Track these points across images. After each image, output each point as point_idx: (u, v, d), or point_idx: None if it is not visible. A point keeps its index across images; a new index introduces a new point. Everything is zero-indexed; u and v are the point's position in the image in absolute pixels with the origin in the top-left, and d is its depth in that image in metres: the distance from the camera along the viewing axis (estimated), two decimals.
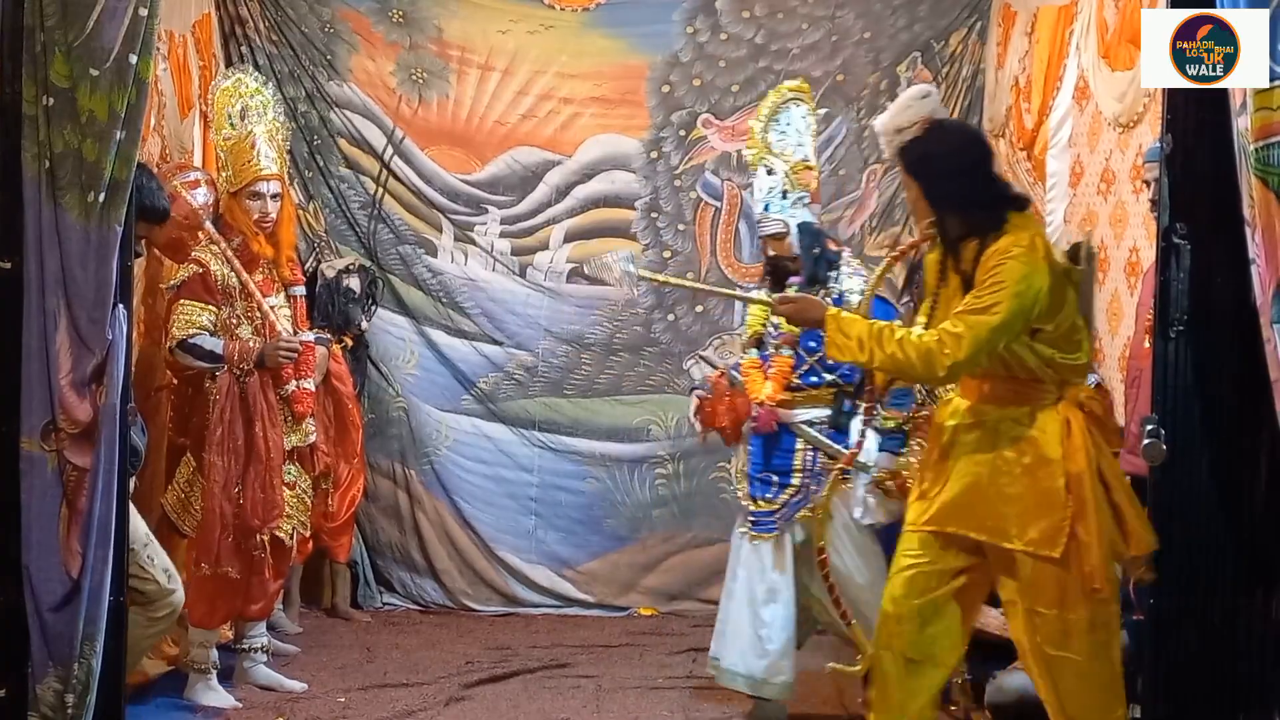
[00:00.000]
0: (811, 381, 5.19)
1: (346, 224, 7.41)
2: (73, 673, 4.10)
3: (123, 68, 4.03)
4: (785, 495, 5.17)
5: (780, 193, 5.20)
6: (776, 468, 5.21)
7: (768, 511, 5.19)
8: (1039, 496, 3.82)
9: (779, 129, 5.31)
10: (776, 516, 5.17)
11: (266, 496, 5.42)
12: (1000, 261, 3.78)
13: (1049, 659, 3.87)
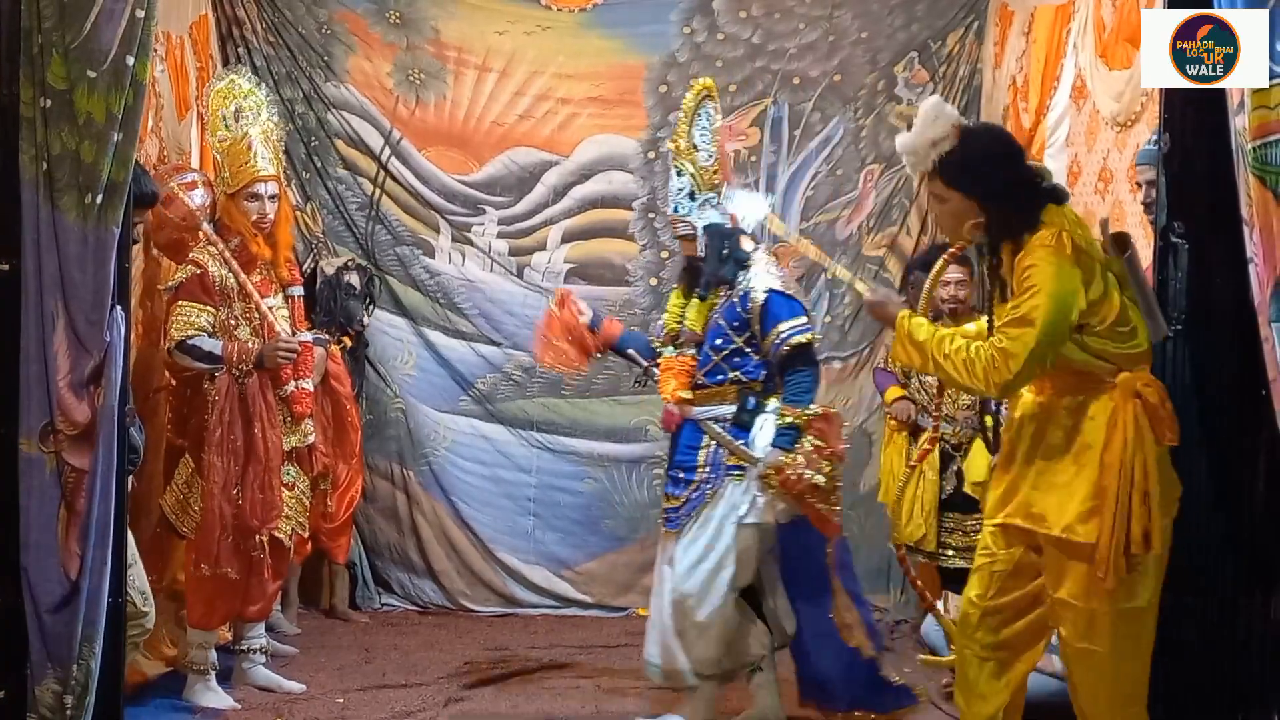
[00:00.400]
0: (716, 379, 5.13)
1: (344, 225, 7.41)
2: (71, 674, 4.10)
3: (120, 69, 4.03)
4: (688, 491, 5.12)
5: (688, 194, 5.15)
6: (682, 464, 5.17)
7: (674, 507, 5.16)
8: (1080, 484, 3.80)
9: (700, 128, 5.26)
10: (680, 513, 5.13)
11: (265, 497, 5.41)
12: (1030, 265, 3.75)
13: (1075, 652, 3.84)
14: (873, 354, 7.49)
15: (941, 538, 6.21)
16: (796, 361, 5.05)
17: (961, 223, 3.95)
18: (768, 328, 5.04)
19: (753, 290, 5.07)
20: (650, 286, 7.46)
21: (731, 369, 5.11)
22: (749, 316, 5.06)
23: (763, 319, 5.05)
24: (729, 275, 5.12)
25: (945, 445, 6.24)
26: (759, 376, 5.10)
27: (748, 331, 5.08)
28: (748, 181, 7.47)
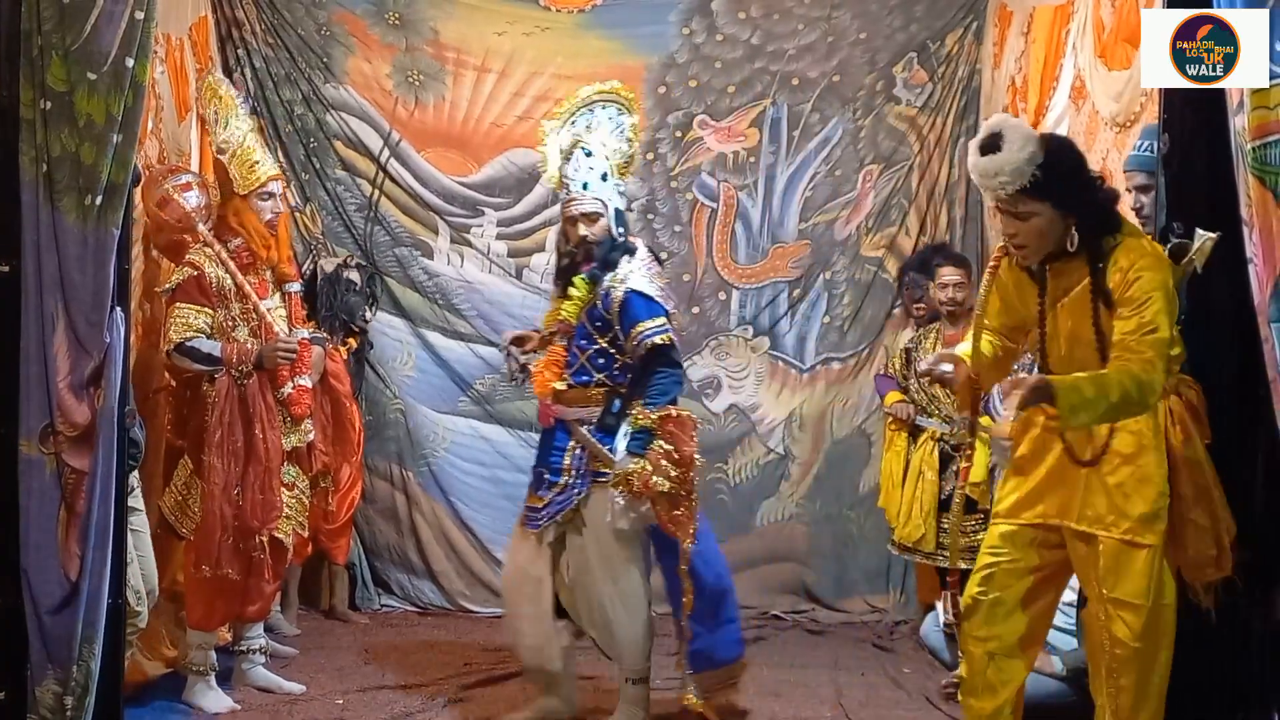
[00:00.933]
0: (583, 380, 5.07)
1: (343, 226, 7.41)
2: (71, 675, 4.10)
3: (120, 71, 4.03)
4: (552, 494, 5.08)
5: (602, 175, 5.12)
6: (549, 464, 5.12)
7: (536, 507, 5.12)
8: (1137, 485, 3.82)
9: (618, 125, 5.28)
10: (542, 514, 5.10)
11: (265, 498, 5.41)
12: (1138, 274, 3.74)
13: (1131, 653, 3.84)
14: (871, 355, 7.49)
15: (940, 539, 6.22)
16: (655, 363, 4.98)
17: (1048, 237, 3.88)
18: (627, 328, 4.97)
19: (614, 289, 5.00)
20: None
21: (596, 370, 5.05)
22: (610, 316, 5.00)
23: (622, 319, 4.98)
24: (615, 260, 5.04)
25: (945, 446, 6.25)
26: (624, 379, 5.03)
27: (610, 332, 5.02)
28: (747, 182, 7.49)
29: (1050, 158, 3.80)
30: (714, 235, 7.52)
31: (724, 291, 7.51)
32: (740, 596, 7.53)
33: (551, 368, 5.16)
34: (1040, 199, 3.82)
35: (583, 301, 5.09)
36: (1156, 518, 3.80)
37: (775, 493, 7.53)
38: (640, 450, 4.89)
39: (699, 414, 7.46)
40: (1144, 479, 3.82)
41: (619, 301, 4.98)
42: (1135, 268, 3.75)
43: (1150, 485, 3.81)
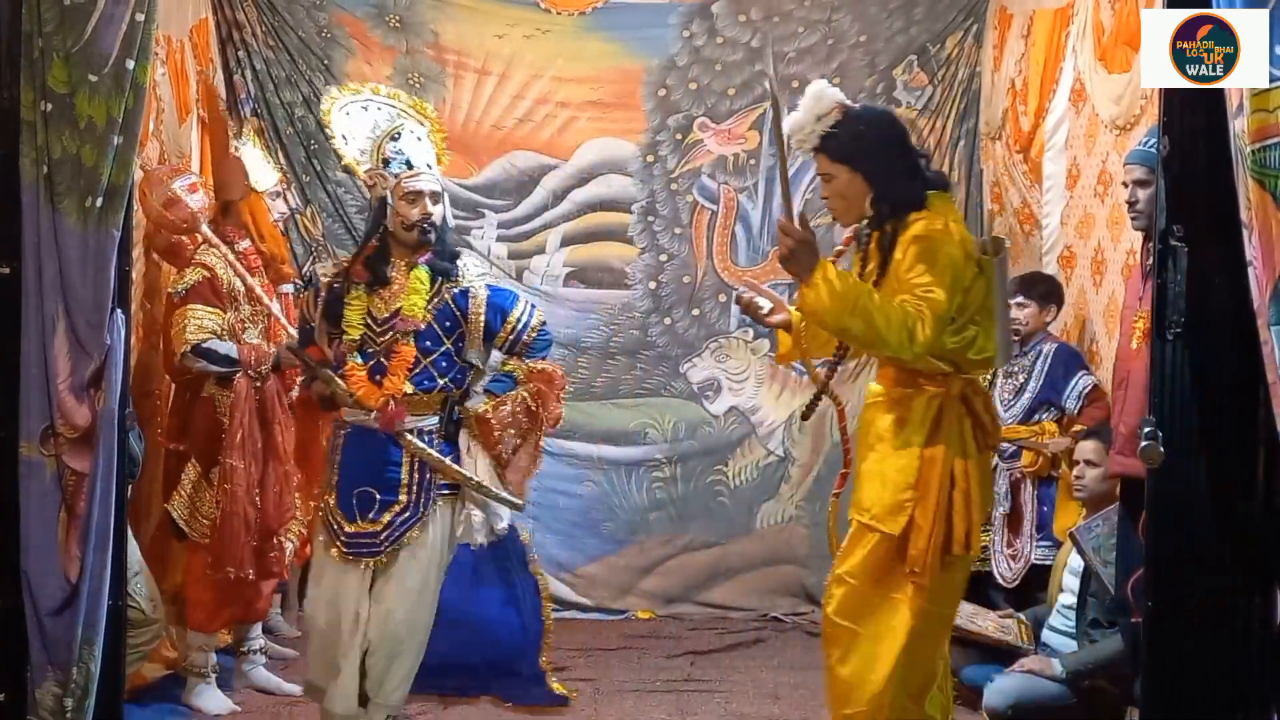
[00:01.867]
0: (425, 386, 4.57)
1: (344, 229, 7.40)
2: (71, 676, 4.10)
3: (120, 73, 4.03)
4: (390, 514, 4.54)
5: (436, 157, 4.82)
6: (384, 482, 4.56)
7: (372, 532, 4.53)
8: (894, 474, 3.90)
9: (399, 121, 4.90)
10: (382, 538, 4.53)
11: (282, 499, 5.43)
12: (925, 244, 3.81)
13: (835, 629, 3.98)
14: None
15: None
16: (539, 340, 4.78)
17: (850, 203, 3.99)
18: (498, 322, 4.66)
19: (472, 286, 4.66)
20: (649, 290, 7.47)
21: (440, 375, 4.59)
22: (468, 315, 4.62)
23: (490, 313, 4.65)
24: (455, 256, 4.73)
25: None
26: (463, 384, 4.66)
27: (457, 333, 4.62)
28: (747, 185, 7.49)
29: (850, 124, 3.94)
30: (714, 237, 7.52)
31: (724, 294, 7.51)
32: (740, 599, 7.62)
33: (401, 368, 4.57)
34: (837, 162, 3.97)
35: (424, 297, 4.62)
36: (900, 509, 3.85)
37: (775, 495, 7.53)
38: (498, 392, 4.65)
39: (699, 416, 7.52)
40: (904, 472, 3.88)
41: (482, 299, 4.64)
42: (924, 237, 3.81)
43: (906, 478, 3.87)
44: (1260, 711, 3.84)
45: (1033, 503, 5.81)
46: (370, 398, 4.54)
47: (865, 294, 3.74)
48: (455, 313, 4.62)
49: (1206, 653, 3.93)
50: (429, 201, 4.62)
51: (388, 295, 4.60)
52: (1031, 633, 5.46)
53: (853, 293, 3.71)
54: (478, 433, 4.61)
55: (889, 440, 3.94)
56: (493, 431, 4.59)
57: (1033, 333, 5.94)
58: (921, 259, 3.79)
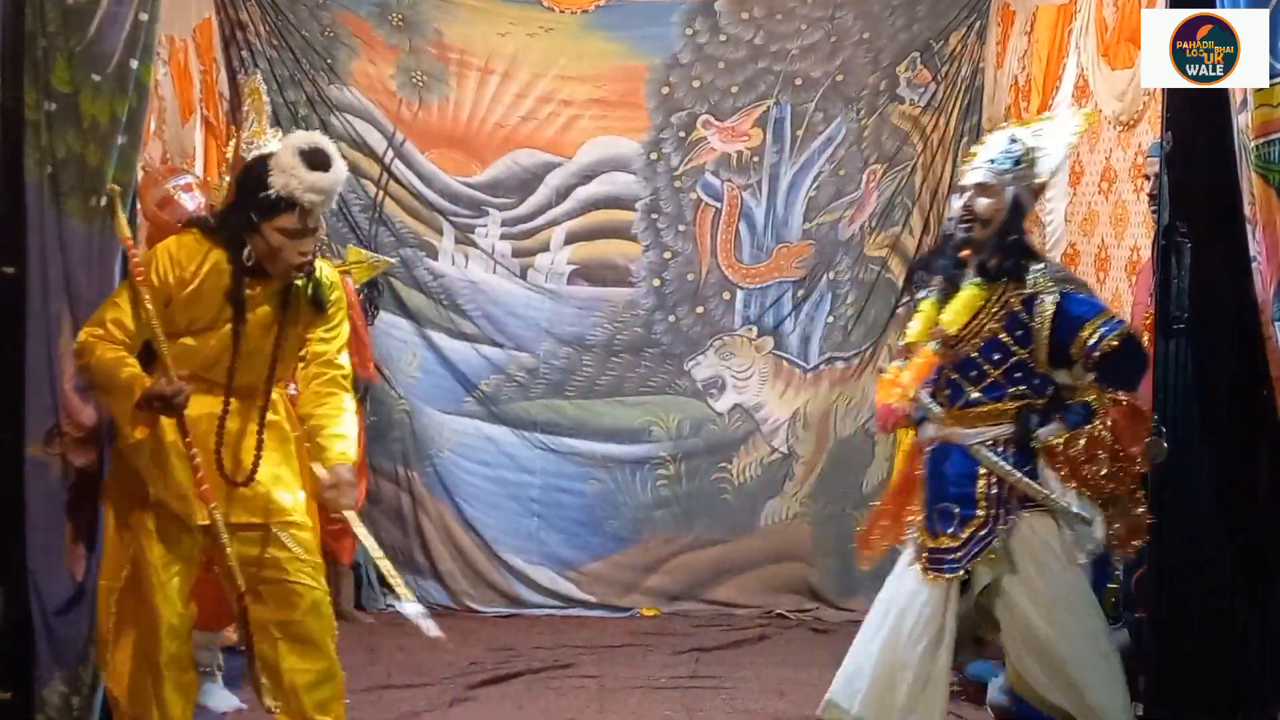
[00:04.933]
0: (994, 395, 4.29)
1: (348, 227, 7.41)
2: (78, 676, 4.12)
3: (124, 73, 4.05)
4: (968, 529, 4.28)
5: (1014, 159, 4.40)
6: (960, 495, 4.32)
7: (951, 548, 4.31)
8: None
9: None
10: (960, 554, 4.28)
11: None
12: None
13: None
14: (875, 355, 7.49)
15: None
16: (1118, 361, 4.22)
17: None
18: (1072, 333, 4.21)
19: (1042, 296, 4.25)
20: (653, 287, 7.46)
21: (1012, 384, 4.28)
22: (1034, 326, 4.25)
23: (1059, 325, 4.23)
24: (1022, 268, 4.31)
25: None
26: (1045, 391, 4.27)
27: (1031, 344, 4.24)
28: (750, 182, 7.49)
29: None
30: (718, 235, 7.51)
31: (728, 291, 7.51)
32: (745, 596, 7.61)
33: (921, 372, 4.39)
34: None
35: (972, 308, 4.30)
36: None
37: (779, 492, 7.52)
38: (1075, 424, 4.18)
39: (703, 414, 7.52)
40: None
41: (1051, 308, 4.20)
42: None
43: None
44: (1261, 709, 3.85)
45: None
46: (896, 399, 4.45)
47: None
48: (1025, 321, 4.24)
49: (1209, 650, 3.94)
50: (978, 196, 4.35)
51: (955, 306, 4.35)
52: None
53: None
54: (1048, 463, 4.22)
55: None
56: (1062, 467, 4.17)
57: None
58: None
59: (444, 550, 7.44)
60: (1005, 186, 4.28)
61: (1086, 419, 4.14)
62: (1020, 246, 4.28)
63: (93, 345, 3.72)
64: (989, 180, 4.31)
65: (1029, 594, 4.19)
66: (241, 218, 3.85)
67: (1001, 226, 4.25)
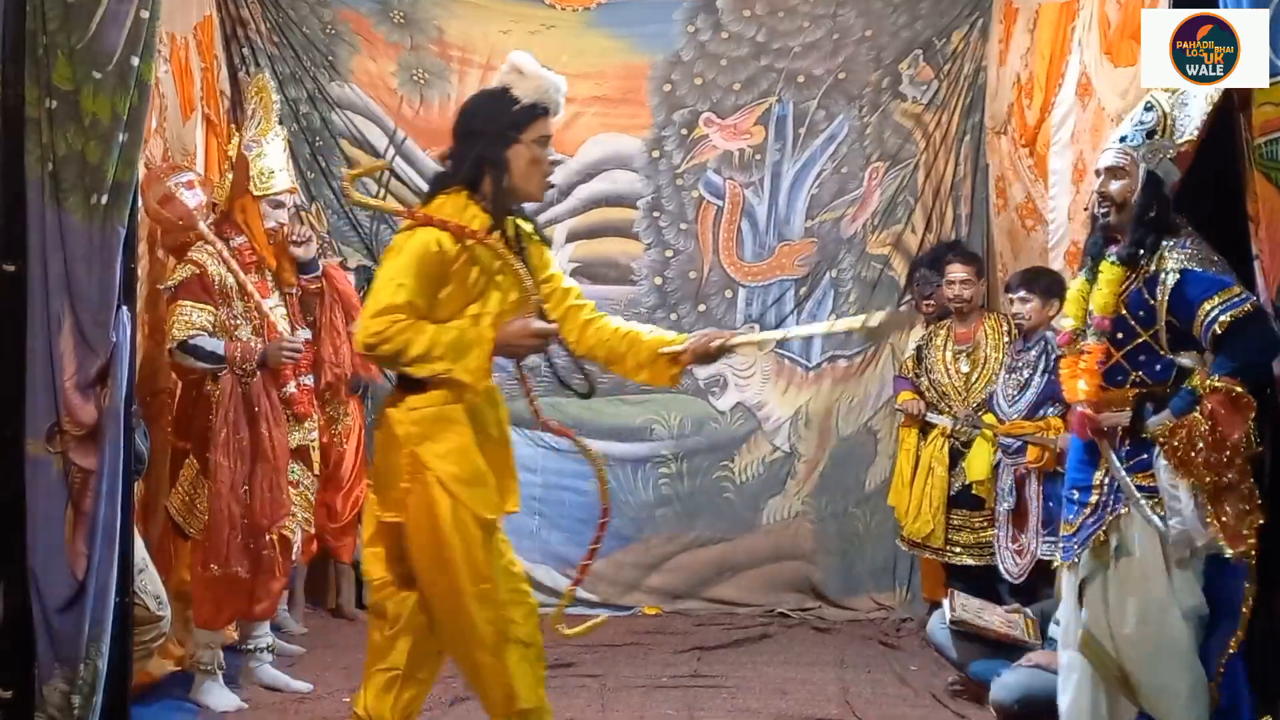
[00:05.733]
0: (1117, 381, 4.16)
1: (349, 225, 7.41)
2: (79, 674, 4.11)
3: (125, 70, 4.04)
4: (1082, 516, 4.20)
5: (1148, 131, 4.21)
6: (1079, 482, 4.25)
7: (1069, 535, 4.23)
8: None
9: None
10: (1074, 541, 4.20)
11: (274, 496, 5.42)
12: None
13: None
14: (877, 353, 7.49)
15: (949, 535, 6.23)
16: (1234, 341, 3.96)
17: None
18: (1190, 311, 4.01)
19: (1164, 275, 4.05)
20: (655, 285, 7.46)
21: (1134, 369, 4.14)
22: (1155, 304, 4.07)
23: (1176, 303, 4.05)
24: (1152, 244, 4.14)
25: (955, 442, 6.25)
26: (1166, 378, 4.10)
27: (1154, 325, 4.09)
28: (753, 180, 7.49)
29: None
30: (720, 233, 7.51)
31: (730, 289, 7.50)
32: (746, 594, 7.61)
33: (1093, 369, 4.22)
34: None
35: (1114, 289, 4.17)
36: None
37: (781, 490, 7.52)
38: (1180, 411, 3.99)
39: (705, 412, 7.52)
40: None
41: (1171, 287, 4.01)
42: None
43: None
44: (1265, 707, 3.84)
45: (1038, 498, 5.80)
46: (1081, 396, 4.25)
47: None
48: (1147, 300, 4.09)
49: None
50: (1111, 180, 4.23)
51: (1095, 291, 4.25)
52: (1038, 628, 5.45)
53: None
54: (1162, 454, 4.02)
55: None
56: (1170, 458, 3.98)
57: (1036, 328, 5.93)
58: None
59: None
60: (1138, 164, 4.12)
61: (1191, 406, 3.95)
62: (1158, 223, 4.08)
63: (402, 327, 3.67)
64: (1119, 162, 4.18)
65: (1112, 588, 4.09)
66: (498, 144, 3.87)
67: (1139, 207, 4.10)
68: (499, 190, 3.88)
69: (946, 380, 6.34)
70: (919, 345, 6.63)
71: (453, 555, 3.79)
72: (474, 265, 3.82)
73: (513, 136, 3.84)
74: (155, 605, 4.93)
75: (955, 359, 6.34)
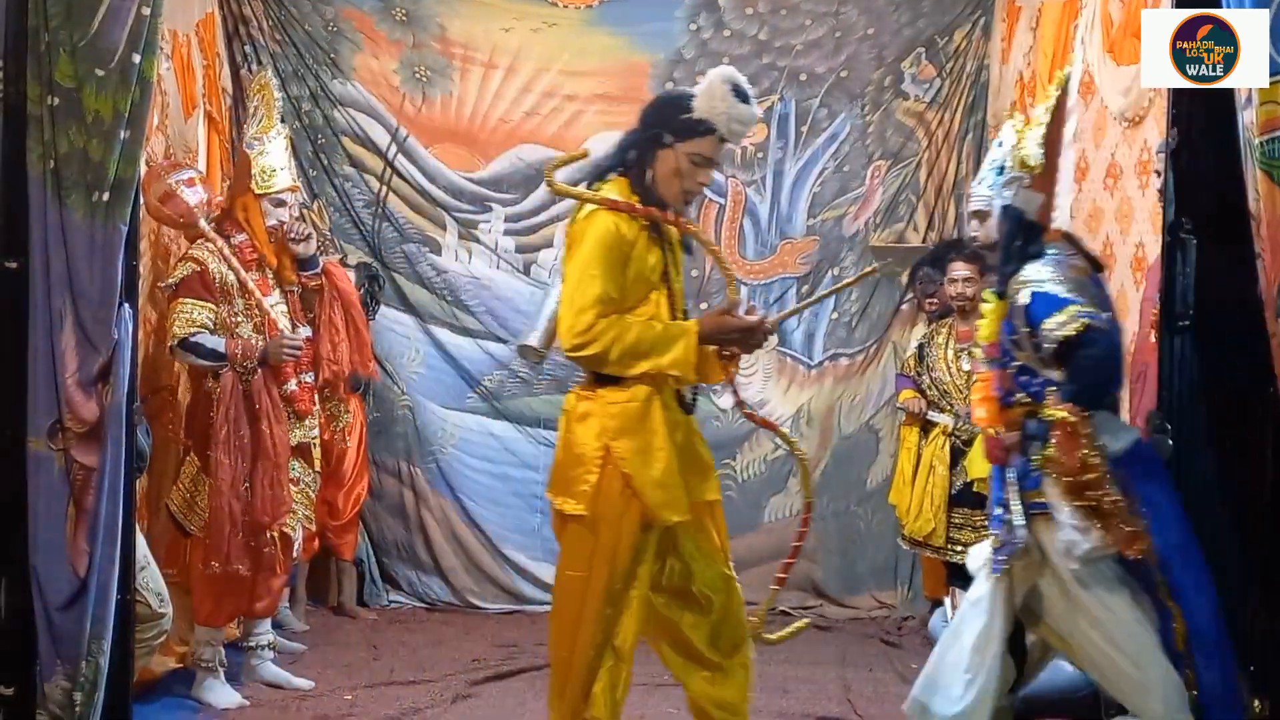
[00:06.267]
0: (1007, 400, 4.30)
1: (351, 222, 7.42)
2: (80, 671, 4.11)
3: (127, 68, 4.03)
4: (1002, 532, 4.30)
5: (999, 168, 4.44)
6: (997, 499, 4.38)
7: (996, 549, 4.31)
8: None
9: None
10: (999, 556, 4.28)
11: (275, 494, 5.43)
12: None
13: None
14: (879, 351, 7.49)
15: (950, 533, 6.23)
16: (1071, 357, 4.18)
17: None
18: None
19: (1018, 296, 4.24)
20: None
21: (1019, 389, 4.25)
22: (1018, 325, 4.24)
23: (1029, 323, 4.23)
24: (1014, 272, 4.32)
25: (956, 441, 6.25)
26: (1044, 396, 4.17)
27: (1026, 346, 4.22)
28: (755, 178, 7.49)
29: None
30: (722, 231, 7.51)
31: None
32: (748, 593, 7.55)
33: (988, 396, 4.37)
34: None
35: (996, 319, 4.33)
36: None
37: (783, 489, 7.53)
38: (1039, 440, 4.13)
39: (707, 410, 7.48)
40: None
41: (1023, 307, 4.18)
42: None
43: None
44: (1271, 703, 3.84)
45: None
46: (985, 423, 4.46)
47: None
48: (1014, 324, 4.23)
49: None
50: (972, 223, 4.58)
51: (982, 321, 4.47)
52: None
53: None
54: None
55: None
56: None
57: None
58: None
59: (447, 546, 7.45)
60: (994, 201, 4.37)
61: (1044, 435, 4.08)
62: (1024, 251, 4.23)
63: (604, 326, 3.74)
64: (979, 207, 4.45)
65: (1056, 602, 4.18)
66: (650, 141, 3.88)
67: (1005, 239, 4.28)
68: (642, 186, 3.88)
69: (948, 378, 6.34)
70: (921, 344, 6.63)
71: (601, 546, 3.82)
72: (651, 249, 3.86)
73: (667, 141, 3.86)
74: (157, 602, 4.93)
75: (957, 357, 6.34)
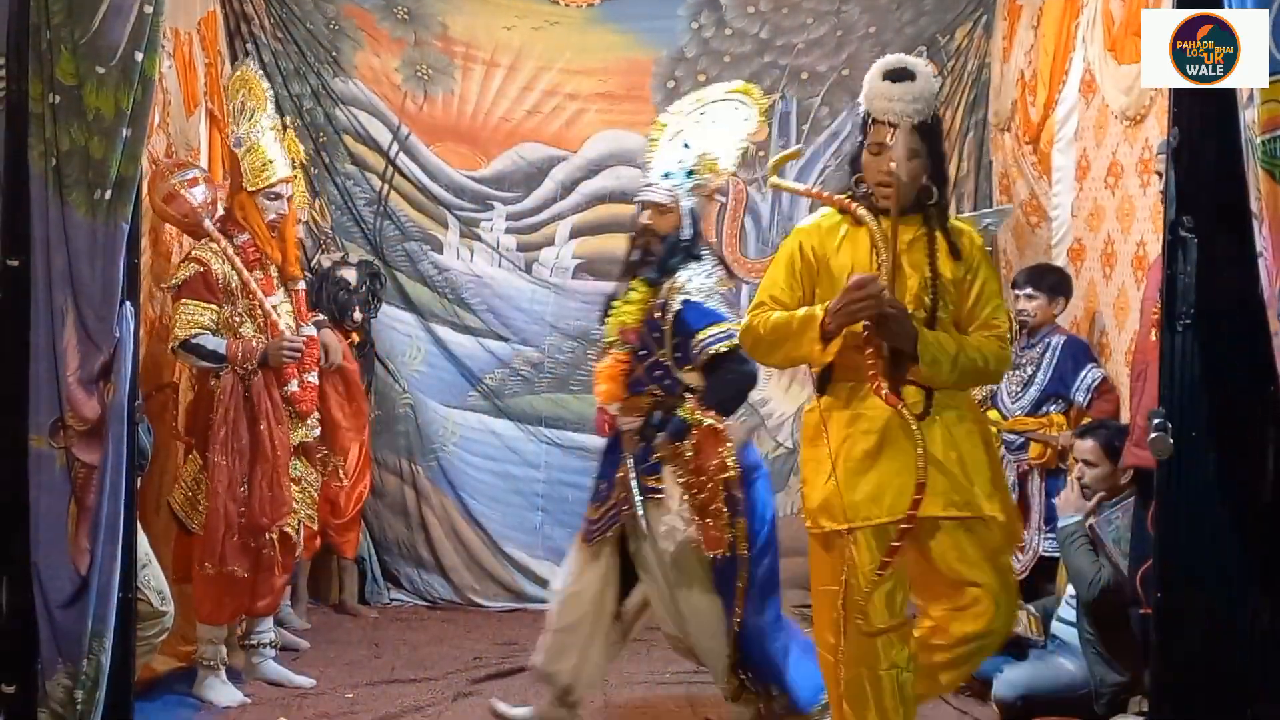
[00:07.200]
0: (637, 390, 4.86)
1: (352, 221, 7.42)
2: (82, 669, 4.11)
3: (129, 65, 4.03)
4: (605, 506, 5.02)
5: (688, 170, 5.02)
6: (606, 476, 5.04)
7: (593, 519, 5.07)
8: (996, 467, 4.04)
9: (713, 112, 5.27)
10: (596, 527, 5.05)
11: (274, 494, 5.43)
12: (980, 253, 3.99)
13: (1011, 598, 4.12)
14: None
15: None
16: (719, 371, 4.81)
17: (918, 181, 3.91)
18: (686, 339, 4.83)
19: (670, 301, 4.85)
20: None
21: (651, 381, 4.88)
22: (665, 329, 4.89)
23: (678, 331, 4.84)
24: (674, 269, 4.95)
25: None
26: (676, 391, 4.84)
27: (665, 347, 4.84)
28: (756, 177, 7.48)
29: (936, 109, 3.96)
30: (724, 230, 7.51)
31: (733, 286, 7.49)
32: None
33: (616, 376, 4.91)
34: (923, 139, 3.90)
35: (641, 307, 4.85)
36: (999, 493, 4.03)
37: (784, 487, 7.51)
38: (673, 436, 4.72)
39: None
40: (996, 461, 4.11)
41: (674, 313, 4.75)
42: (977, 245, 3.98)
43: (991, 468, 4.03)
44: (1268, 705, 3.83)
45: (1040, 495, 5.80)
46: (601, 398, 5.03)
47: (970, 350, 3.86)
48: (660, 325, 4.79)
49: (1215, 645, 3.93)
50: (647, 214, 5.00)
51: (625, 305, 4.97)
52: (1040, 624, 5.45)
53: (964, 359, 3.84)
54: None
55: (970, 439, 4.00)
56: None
57: (1041, 325, 5.93)
58: (983, 273, 3.96)
59: (448, 544, 7.45)
60: (680, 200, 4.91)
61: (682, 433, 4.68)
62: (688, 252, 4.82)
63: (750, 318, 4.02)
64: (662, 200, 4.91)
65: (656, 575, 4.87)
66: (856, 145, 4.01)
67: (677, 237, 4.82)
68: (854, 186, 3.98)
69: None
70: None
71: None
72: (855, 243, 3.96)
73: (860, 140, 3.96)
74: (158, 600, 4.94)
75: None
